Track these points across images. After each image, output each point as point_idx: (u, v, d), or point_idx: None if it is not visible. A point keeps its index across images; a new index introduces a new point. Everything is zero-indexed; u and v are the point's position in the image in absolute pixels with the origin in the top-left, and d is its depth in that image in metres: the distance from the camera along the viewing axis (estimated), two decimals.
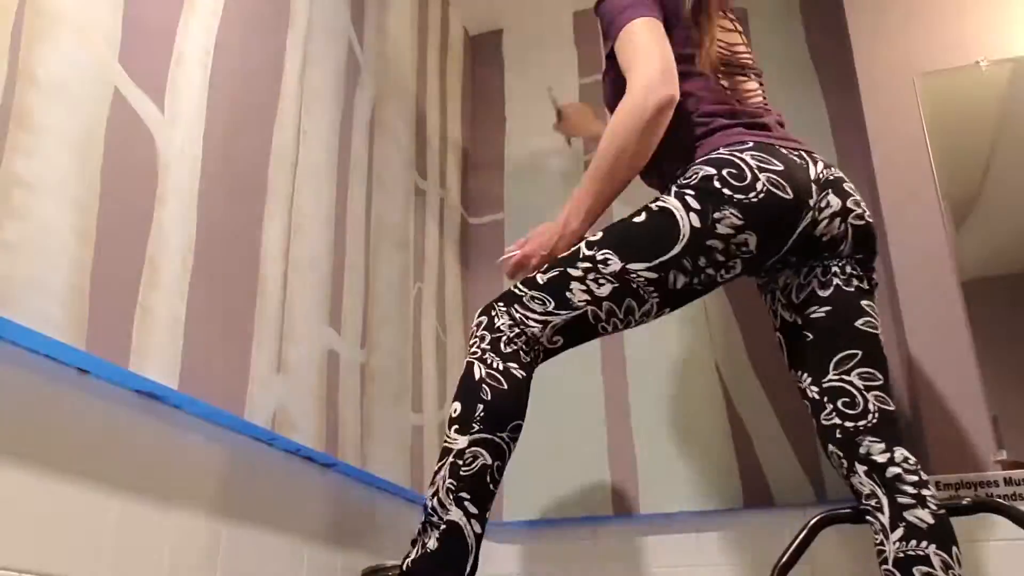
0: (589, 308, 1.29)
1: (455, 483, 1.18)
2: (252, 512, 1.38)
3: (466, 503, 1.17)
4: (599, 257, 1.29)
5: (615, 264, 1.28)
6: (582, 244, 1.33)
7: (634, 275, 1.28)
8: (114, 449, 1.12)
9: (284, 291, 1.53)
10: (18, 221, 1.01)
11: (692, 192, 1.30)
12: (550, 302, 1.29)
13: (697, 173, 1.32)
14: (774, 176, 1.30)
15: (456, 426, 1.22)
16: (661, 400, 2.11)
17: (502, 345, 1.27)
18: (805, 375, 1.35)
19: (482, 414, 1.21)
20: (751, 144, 1.34)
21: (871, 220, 1.39)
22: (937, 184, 1.90)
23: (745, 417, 2.03)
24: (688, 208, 1.29)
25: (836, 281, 1.35)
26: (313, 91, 1.72)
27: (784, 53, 2.33)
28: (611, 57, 1.45)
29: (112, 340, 1.12)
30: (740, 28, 1.58)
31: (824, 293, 1.35)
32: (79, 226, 1.10)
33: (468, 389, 1.24)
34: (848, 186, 1.39)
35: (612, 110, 1.48)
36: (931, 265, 1.84)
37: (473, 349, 1.29)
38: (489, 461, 1.20)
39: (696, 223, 1.27)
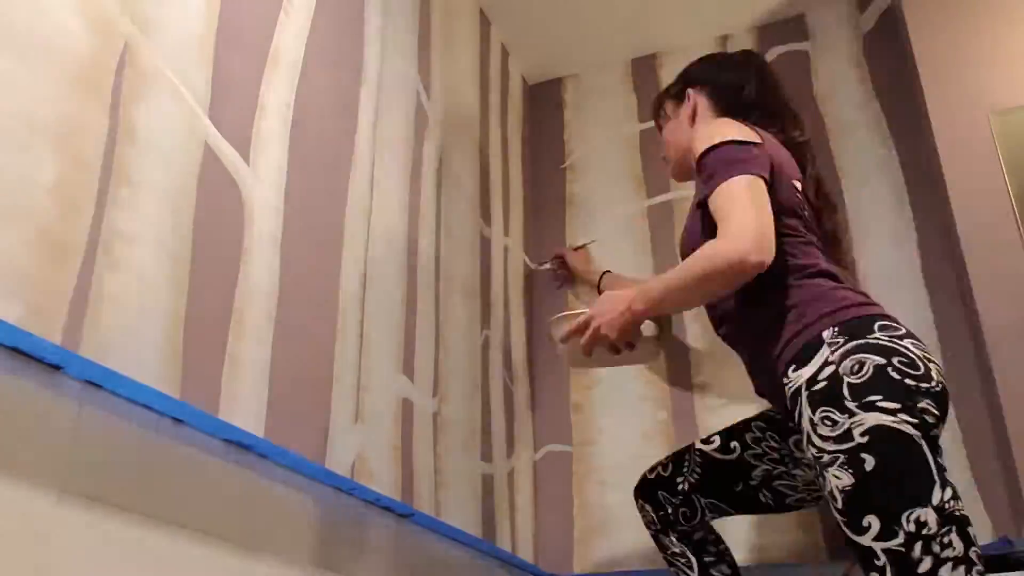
0: (973, 572, 1.08)
1: None
2: (334, 561, 1.37)
3: None
4: (911, 528, 1.08)
5: (929, 515, 1.08)
6: (874, 548, 1.11)
7: (947, 505, 1.10)
8: (204, 498, 1.12)
9: (361, 339, 1.53)
10: (119, 273, 1.03)
11: (878, 395, 1.16)
12: None
13: (864, 363, 1.19)
14: (936, 366, 1.24)
15: None
16: None
17: None
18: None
19: None
20: (903, 331, 1.26)
21: None
22: (1019, 222, 1.85)
23: None
24: (890, 412, 1.15)
25: None
26: (385, 141, 1.75)
27: (850, 98, 2.31)
28: (701, 207, 1.41)
29: (203, 390, 1.13)
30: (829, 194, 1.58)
31: None
32: (173, 277, 1.12)
33: None
34: None
35: (684, 252, 1.49)
36: (1019, 306, 1.79)
37: None
38: None
39: (913, 420, 1.14)
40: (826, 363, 1.23)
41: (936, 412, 1.17)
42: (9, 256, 0.89)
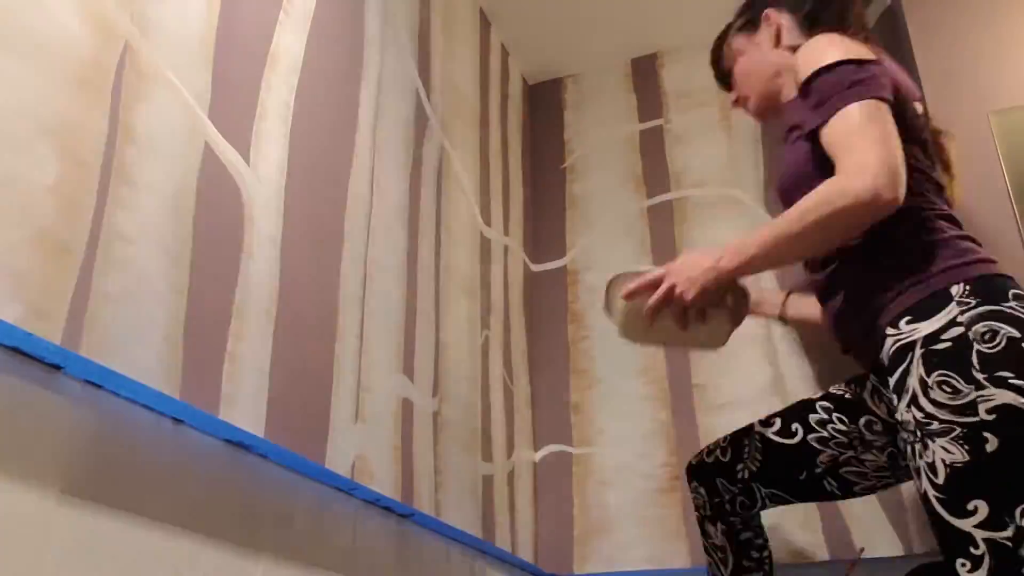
0: None
1: None
2: (335, 562, 1.37)
3: None
4: (1022, 523, 1.00)
5: None
6: (974, 534, 1.03)
7: None
8: (204, 498, 1.12)
9: (361, 339, 1.53)
10: (118, 272, 1.03)
11: (1011, 372, 1.05)
12: None
13: (998, 333, 1.08)
14: None
15: None
16: None
17: None
18: None
19: None
20: None
21: None
22: (1019, 221, 1.85)
23: None
24: (1021, 390, 1.04)
25: None
26: (385, 142, 1.75)
27: None
28: (810, 139, 1.26)
29: (203, 390, 1.13)
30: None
31: None
32: (173, 277, 1.12)
33: None
34: None
35: (786, 190, 1.32)
36: None
37: None
38: None
39: None
40: (953, 322, 1.10)
41: None
42: (9, 256, 0.89)
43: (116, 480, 0.99)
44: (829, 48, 1.24)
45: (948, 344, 1.10)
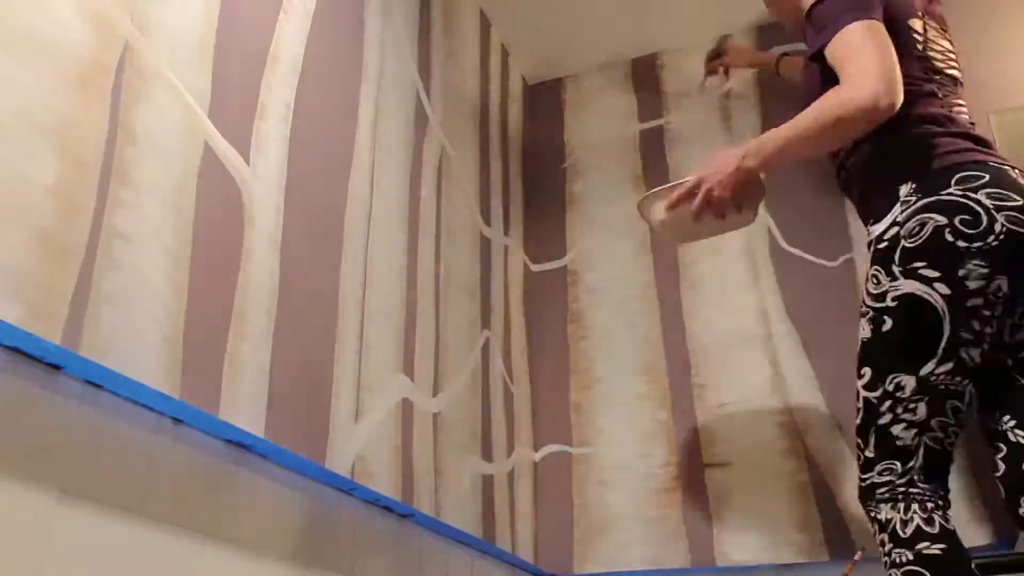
0: (924, 437, 1.21)
1: None
2: (335, 562, 1.37)
3: None
4: (890, 388, 1.22)
5: (909, 381, 1.20)
6: (860, 391, 1.27)
7: (932, 378, 1.19)
8: (205, 498, 1.12)
9: (361, 340, 1.53)
10: (118, 273, 1.03)
11: (923, 261, 1.21)
12: (895, 464, 1.22)
13: (925, 225, 1.22)
14: (1013, 214, 1.20)
15: None
16: (736, 448, 2.06)
17: (899, 531, 1.19)
18: (1009, 418, 1.25)
19: None
20: (987, 179, 1.23)
21: None
22: None
23: (823, 464, 1.97)
24: (928, 281, 1.19)
25: None
26: (385, 142, 1.75)
27: None
28: (816, 59, 1.38)
29: (203, 390, 1.13)
30: (951, 38, 1.50)
31: None
32: (173, 277, 1.12)
33: None
34: None
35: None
36: None
37: (883, 557, 1.21)
38: None
39: (946, 291, 1.19)
40: (894, 223, 1.27)
41: (985, 269, 1.18)
42: (9, 256, 0.89)
43: (116, 480, 0.99)
44: None
45: (885, 244, 1.27)
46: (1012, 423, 1.26)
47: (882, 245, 1.28)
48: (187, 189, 1.18)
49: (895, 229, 1.26)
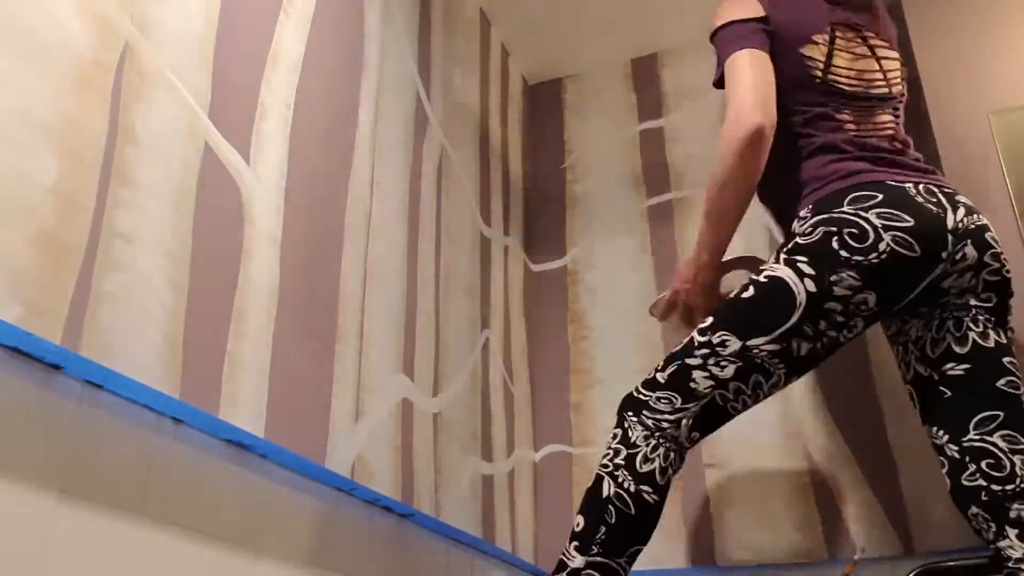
0: (716, 392, 1.27)
1: None
2: (334, 561, 1.37)
3: None
4: (716, 341, 1.27)
5: (734, 344, 1.26)
6: (695, 332, 1.32)
7: (755, 350, 1.25)
8: (205, 498, 1.12)
9: (361, 339, 1.53)
10: (118, 272, 1.03)
11: (804, 257, 1.27)
12: (677, 398, 1.27)
13: (815, 230, 1.28)
14: (901, 235, 1.25)
15: (576, 543, 1.21)
16: (736, 448, 2.06)
17: (638, 463, 1.24)
18: (942, 432, 1.29)
19: (603, 537, 1.19)
20: (880, 198, 1.27)
21: (1008, 275, 1.32)
22: (1019, 221, 1.85)
23: (823, 464, 1.97)
24: (801, 275, 1.25)
25: (972, 336, 1.29)
26: (385, 142, 1.75)
27: None
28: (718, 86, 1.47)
29: (204, 390, 1.13)
30: (892, 54, 1.50)
31: (961, 349, 1.29)
32: (173, 277, 1.12)
33: (594, 506, 1.22)
34: (990, 236, 1.32)
35: None
36: (1019, 305, 1.79)
37: (605, 462, 1.26)
38: None
39: (812, 288, 1.24)
40: (791, 235, 1.34)
41: (857, 283, 1.24)
42: (9, 256, 0.89)
43: (116, 480, 0.99)
44: (721, 14, 1.47)
45: (783, 245, 1.35)
46: (945, 437, 1.29)
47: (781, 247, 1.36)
48: (187, 189, 1.18)
49: (791, 236, 1.34)
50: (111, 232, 1.03)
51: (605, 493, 1.22)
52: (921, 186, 1.31)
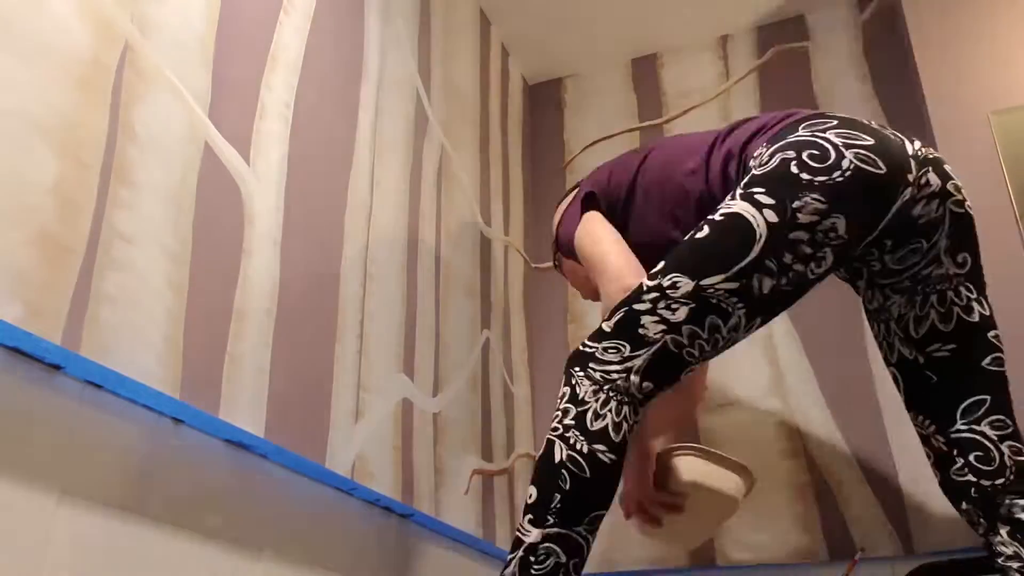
0: (668, 337, 1.16)
1: None
2: (334, 561, 1.37)
3: None
4: (666, 284, 1.18)
5: (686, 284, 1.16)
6: (643, 278, 1.25)
7: (710, 290, 1.15)
8: (205, 499, 1.12)
9: (361, 339, 1.53)
10: (118, 273, 1.03)
11: (762, 188, 1.18)
12: (625, 347, 1.16)
13: (774, 156, 1.20)
14: (863, 151, 1.17)
15: (530, 516, 1.11)
16: (736, 448, 2.06)
17: (588, 420, 1.14)
18: (928, 422, 1.26)
19: (559, 505, 1.10)
20: (835, 123, 1.22)
21: (971, 210, 1.26)
22: (1019, 221, 1.85)
23: (823, 464, 1.97)
24: (760, 206, 1.16)
25: (957, 311, 1.24)
26: (385, 142, 1.75)
27: (850, 96, 2.31)
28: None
29: (204, 390, 1.12)
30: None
31: (946, 327, 1.24)
32: (173, 277, 1.12)
33: (546, 473, 1.13)
34: (948, 168, 1.25)
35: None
36: (1019, 306, 1.79)
37: (555, 424, 1.16)
38: (564, 559, 1.09)
39: (773, 218, 1.15)
40: (752, 166, 1.25)
41: (822, 206, 1.15)
42: (9, 256, 0.89)
43: (116, 480, 0.99)
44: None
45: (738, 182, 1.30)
46: (932, 428, 1.26)
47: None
48: (187, 189, 1.18)
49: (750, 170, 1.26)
50: (111, 232, 1.03)
51: (557, 458, 1.12)
52: (873, 122, 1.27)
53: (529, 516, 1.11)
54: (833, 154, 1.17)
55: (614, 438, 1.13)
